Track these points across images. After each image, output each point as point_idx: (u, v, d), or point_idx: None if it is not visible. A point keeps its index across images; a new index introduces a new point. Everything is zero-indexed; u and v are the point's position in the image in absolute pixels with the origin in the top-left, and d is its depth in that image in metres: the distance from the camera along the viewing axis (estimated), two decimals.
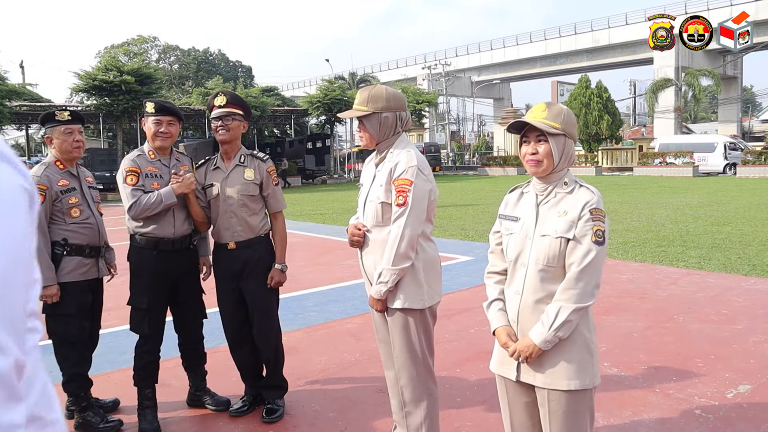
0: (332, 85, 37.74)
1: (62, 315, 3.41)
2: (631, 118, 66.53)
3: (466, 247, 9.59)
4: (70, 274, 3.44)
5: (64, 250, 3.43)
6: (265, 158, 3.66)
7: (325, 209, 17.04)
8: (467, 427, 3.40)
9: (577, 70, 54.40)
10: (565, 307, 2.03)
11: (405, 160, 2.67)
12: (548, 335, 2.04)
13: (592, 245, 2.03)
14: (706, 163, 29.29)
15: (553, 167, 2.14)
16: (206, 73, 63.40)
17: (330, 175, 37.18)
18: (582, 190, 2.13)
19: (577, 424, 2.13)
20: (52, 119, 3.49)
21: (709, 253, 8.33)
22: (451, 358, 4.45)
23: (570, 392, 2.09)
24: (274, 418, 3.57)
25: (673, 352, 4.45)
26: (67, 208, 3.44)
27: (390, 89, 2.80)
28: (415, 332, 2.74)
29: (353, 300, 6.41)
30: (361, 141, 2.87)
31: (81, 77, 27.88)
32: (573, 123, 2.16)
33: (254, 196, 3.54)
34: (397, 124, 2.77)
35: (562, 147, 2.13)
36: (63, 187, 3.45)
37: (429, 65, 54.51)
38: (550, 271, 2.10)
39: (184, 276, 3.61)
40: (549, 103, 2.19)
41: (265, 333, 3.61)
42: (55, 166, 3.49)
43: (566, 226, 2.07)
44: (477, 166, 42.31)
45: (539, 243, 2.12)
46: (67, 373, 3.47)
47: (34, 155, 46.20)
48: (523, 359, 2.12)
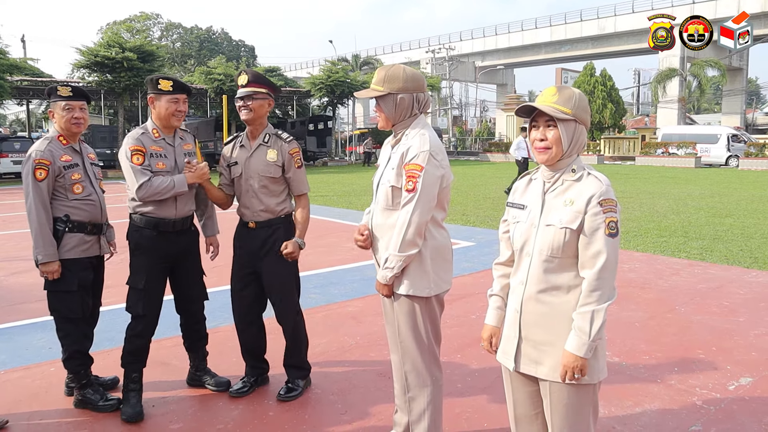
0: (335, 67, 37.53)
1: (64, 292, 3.38)
2: (635, 107, 66.23)
3: (467, 233, 9.56)
4: (72, 250, 3.40)
5: (66, 226, 3.39)
6: (289, 139, 3.56)
7: (326, 191, 17.00)
8: (468, 413, 3.39)
9: (582, 58, 54.03)
10: (597, 310, 1.97)
11: (418, 144, 2.61)
12: (590, 344, 1.97)
13: (607, 240, 1.96)
14: (709, 155, 29.18)
15: (562, 154, 2.07)
16: (209, 52, 62.95)
17: (331, 157, 37.06)
18: (590, 179, 2.05)
19: (579, 418, 2.09)
20: (55, 93, 3.45)
21: (711, 244, 8.30)
22: (452, 344, 4.43)
23: (572, 385, 2.05)
24: (289, 397, 3.57)
25: (675, 343, 4.44)
26: (69, 184, 3.40)
27: (409, 69, 2.73)
28: (420, 319, 2.71)
29: (354, 283, 6.40)
30: (378, 121, 2.81)
31: (83, 53, 27.68)
32: (585, 108, 2.08)
33: (275, 178, 3.49)
34: (413, 106, 2.71)
35: (572, 133, 2.06)
36: (66, 162, 3.41)
37: (433, 49, 54.06)
38: (554, 262, 2.05)
39: (184, 257, 3.57)
40: (560, 86, 2.11)
41: (283, 309, 3.59)
42: (58, 141, 3.45)
43: (571, 216, 2.01)
44: (479, 152, 42.19)
45: (544, 233, 2.06)
46: (68, 350, 3.46)
47: (34, 130, 45.97)
48: (578, 375, 2.00)
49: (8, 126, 62.50)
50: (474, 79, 59.61)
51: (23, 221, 3.69)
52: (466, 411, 3.42)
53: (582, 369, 1.99)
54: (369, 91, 2.73)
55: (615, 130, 38.61)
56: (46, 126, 58.36)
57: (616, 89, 39.94)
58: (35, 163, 3.30)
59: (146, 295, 3.39)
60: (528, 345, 2.14)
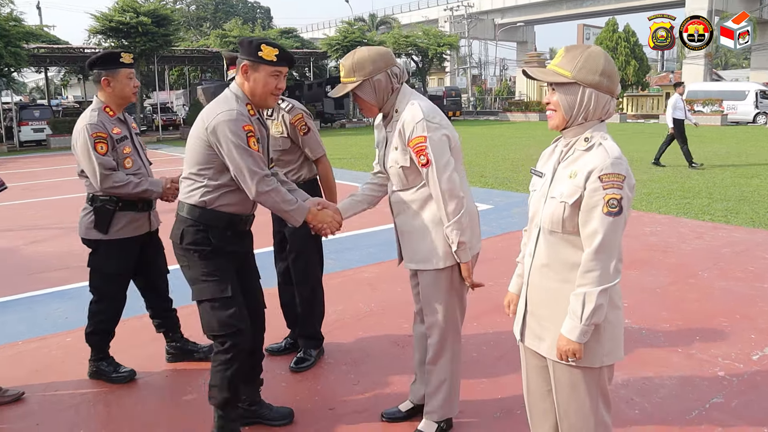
0: (352, 27, 37.05)
1: (108, 273, 3.36)
2: (659, 63, 64.51)
3: (486, 195, 9.42)
4: (123, 229, 3.31)
5: (116, 205, 3.27)
6: (288, 108, 3.39)
7: (343, 153, 16.88)
8: (483, 383, 3.34)
9: (605, 13, 52.54)
10: (590, 293, 1.83)
11: (409, 117, 2.51)
12: (582, 327, 1.85)
13: (604, 218, 1.81)
14: (736, 112, 28.40)
15: (567, 120, 1.93)
16: (224, 15, 62.28)
17: (349, 119, 36.78)
18: (599, 150, 1.87)
19: (584, 402, 1.98)
20: (116, 62, 3.29)
21: (736, 206, 8.08)
22: (468, 311, 4.32)
23: (573, 366, 1.95)
24: (301, 368, 3.56)
25: (697, 310, 4.33)
26: (122, 159, 3.28)
27: (372, 48, 2.60)
28: (447, 291, 2.68)
29: (370, 248, 6.35)
30: (363, 113, 2.71)
31: (97, 19, 27.50)
32: (594, 69, 1.86)
33: (285, 150, 3.41)
34: (392, 81, 2.59)
35: (576, 98, 1.89)
36: (117, 135, 3.28)
37: (451, 7, 52.96)
38: (555, 236, 1.94)
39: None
40: (571, 46, 1.94)
41: (299, 269, 3.57)
42: (105, 112, 3.30)
43: (571, 190, 1.87)
44: (498, 112, 41.51)
45: (548, 204, 1.95)
46: (95, 326, 3.44)
47: (54, 98, 46.18)
48: (572, 359, 1.91)
49: (28, 94, 62.90)
50: (493, 37, 58.37)
51: (44, 189, 3.66)
52: (481, 381, 3.37)
53: (576, 353, 1.88)
54: (342, 87, 2.61)
55: (638, 87, 37.68)
56: (65, 93, 58.64)
57: (639, 45, 38.82)
58: (93, 137, 3.16)
59: (237, 303, 2.68)
60: (533, 319, 2.07)
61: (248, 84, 2.62)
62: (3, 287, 5.39)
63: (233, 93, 2.62)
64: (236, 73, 2.65)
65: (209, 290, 2.63)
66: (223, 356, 2.66)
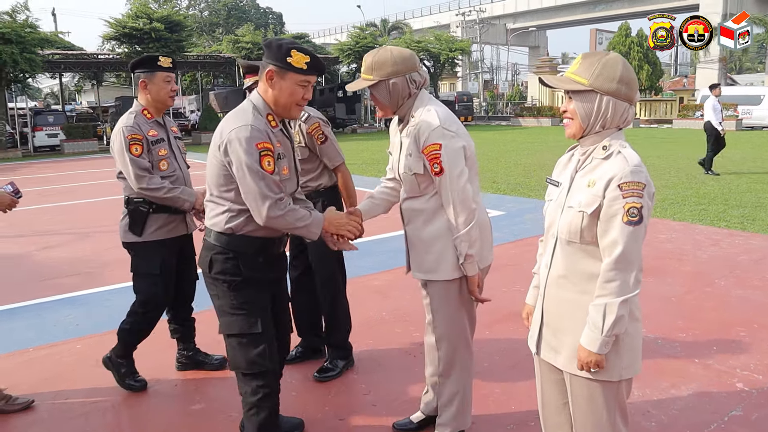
0: (363, 32, 37.06)
1: (148, 275, 3.35)
2: (672, 68, 64.08)
3: (498, 201, 9.36)
4: (157, 232, 3.33)
5: (150, 207, 3.30)
6: (304, 117, 3.35)
7: (354, 159, 16.85)
8: (496, 394, 3.29)
9: (618, 18, 52.23)
10: (611, 303, 1.79)
11: (426, 124, 2.46)
12: (603, 339, 1.81)
13: (624, 228, 1.76)
14: (751, 117, 28.10)
15: (583, 129, 1.89)
16: (237, 20, 62.60)
17: (360, 124, 36.78)
18: (617, 158, 1.83)
19: (602, 416, 1.93)
20: (154, 64, 3.33)
21: (752, 212, 7.97)
22: (480, 320, 4.25)
23: (591, 380, 1.90)
24: (326, 377, 3.53)
25: (714, 319, 4.25)
26: (156, 161, 3.32)
27: (396, 50, 2.54)
28: (456, 303, 2.63)
29: (381, 254, 6.30)
30: (377, 111, 2.68)
31: (111, 25, 27.71)
32: (612, 77, 1.82)
33: (304, 159, 3.37)
34: (409, 87, 2.54)
35: (594, 106, 1.85)
36: (153, 137, 3.33)
37: (463, 12, 52.91)
38: (573, 246, 1.89)
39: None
40: (588, 53, 1.90)
41: (321, 281, 3.55)
42: (142, 115, 3.35)
43: (590, 199, 1.83)
44: (510, 117, 41.36)
45: (566, 214, 1.90)
46: (131, 325, 3.41)
47: (68, 103, 46.62)
48: (594, 370, 1.87)
49: (42, 99, 63.52)
50: (505, 41, 58.29)
51: (59, 194, 3.65)
52: (493, 392, 3.32)
53: (598, 364, 1.84)
54: (359, 82, 2.59)
55: (652, 92, 37.37)
56: (79, 98, 59.15)
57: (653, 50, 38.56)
58: (129, 139, 3.22)
59: (267, 339, 2.49)
60: (548, 331, 2.02)
61: (272, 92, 2.39)
62: (14, 294, 5.40)
63: (252, 103, 2.40)
64: (259, 79, 2.44)
65: (237, 325, 2.44)
66: (251, 398, 2.48)
